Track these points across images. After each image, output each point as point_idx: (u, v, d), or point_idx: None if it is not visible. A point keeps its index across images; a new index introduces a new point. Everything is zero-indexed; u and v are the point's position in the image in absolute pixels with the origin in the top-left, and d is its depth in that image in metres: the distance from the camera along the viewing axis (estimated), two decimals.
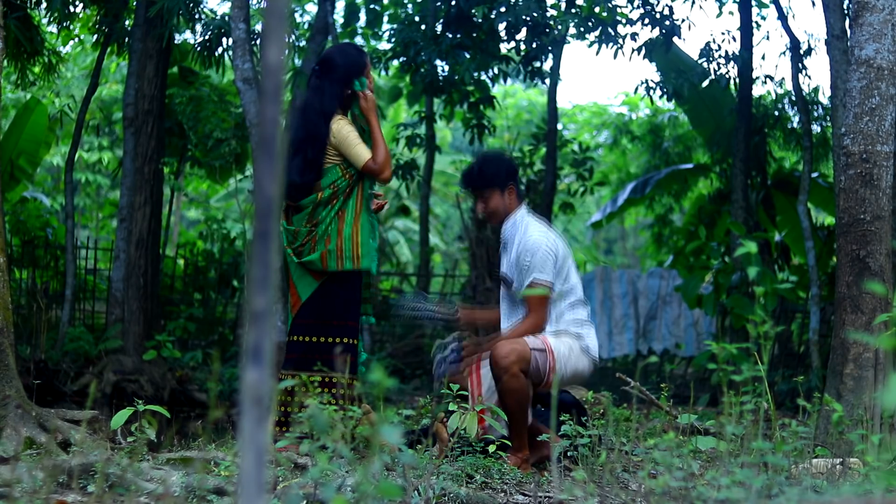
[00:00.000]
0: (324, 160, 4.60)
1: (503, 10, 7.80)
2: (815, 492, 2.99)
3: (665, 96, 8.80)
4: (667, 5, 8.30)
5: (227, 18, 8.44)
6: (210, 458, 3.66)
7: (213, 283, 11.49)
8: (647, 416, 5.92)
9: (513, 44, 8.65)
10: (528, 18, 7.84)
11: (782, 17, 9.03)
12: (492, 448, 3.95)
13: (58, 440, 4.28)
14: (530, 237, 4.22)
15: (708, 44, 8.90)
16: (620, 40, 8.16)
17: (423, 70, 8.52)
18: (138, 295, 8.83)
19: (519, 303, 4.27)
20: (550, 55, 9.32)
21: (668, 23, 8.26)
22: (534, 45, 8.47)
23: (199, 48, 8.85)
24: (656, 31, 8.31)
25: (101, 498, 2.95)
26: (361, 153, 4.52)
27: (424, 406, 4.67)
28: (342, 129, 4.58)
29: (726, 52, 8.89)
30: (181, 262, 11.95)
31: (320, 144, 4.57)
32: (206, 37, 8.62)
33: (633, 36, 8.25)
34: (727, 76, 8.87)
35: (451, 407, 3.97)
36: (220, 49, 8.81)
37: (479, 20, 7.79)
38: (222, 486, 3.16)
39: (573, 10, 7.95)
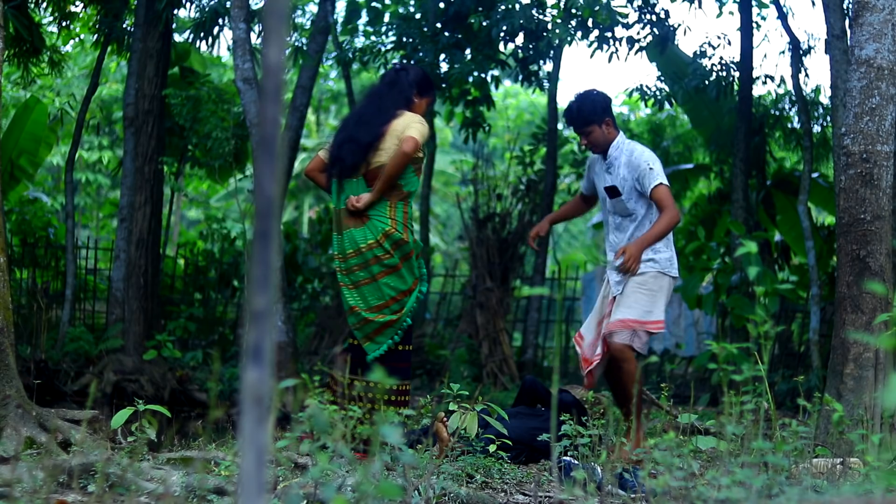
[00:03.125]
0: (381, 144, 4.66)
1: (500, 16, 7.79)
2: (816, 491, 2.99)
3: (657, 104, 8.79)
4: (663, 8, 8.29)
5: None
6: (210, 457, 3.66)
7: (213, 282, 11.49)
8: (648, 415, 5.92)
9: (511, 46, 8.64)
10: (525, 24, 7.83)
11: (782, 17, 9.03)
12: (492, 448, 3.95)
13: (58, 440, 4.28)
14: (644, 151, 4.85)
15: (703, 47, 8.89)
16: (616, 44, 8.15)
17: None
18: (139, 295, 8.82)
19: (628, 211, 4.86)
20: (549, 58, 9.31)
21: (665, 24, 8.24)
22: (531, 51, 8.46)
23: (193, 34, 8.86)
24: (652, 34, 8.30)
25: (101, 498, 2.95)
26: (416, 132, 4.60)
27: (424, 406, 4.70)
28: (416, 115, 4.71)
29: (721, 58, 8.89)
30: (181, 261, 11.95)
31: (383, 125, 4.68)
32: (203, 16, 8.62)
33: (630, 39, 8.24)
34: (724, 82, 8.86)
35: (452, 407, 3.98)
36: (215, 30, 8.81)
37: (477, 27, 7.76)
38: (222, 485, 3.16)
39: (573, 11, 7.94)
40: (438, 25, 8.77)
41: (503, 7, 7.86)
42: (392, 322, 4.68)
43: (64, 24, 9.87)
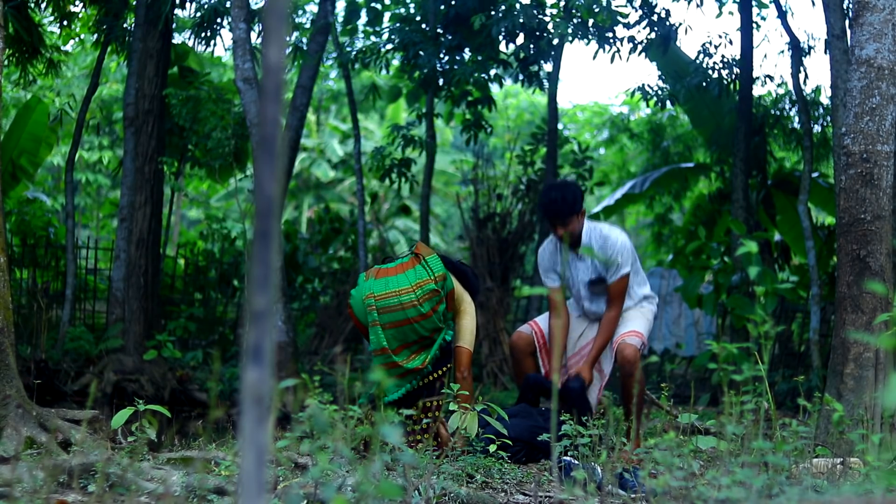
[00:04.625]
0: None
1: (501, 15, 7.78)
2: (816, 491, 2.99)
3: (659, 104, 8.79)
4: (664, 8, 8.30)
5: None
6: (210, 457, 3.66)
7: (213, 282, 11.49)
8: (648, 415, 5.92)
9: (512, 47, 8.64)
10: (526, 23, 7.82)
11: (782, 16, 9.03)
12: (492, 448, 3.95)
13: (58, 440, 4.28)
14: (617, 241, 5.07)
15: (705, 46, 8.89)
16: (618, 44, 8.15)
17: (424, 70, 8.52)
18: (139, 294, 8.83)
19: (602, 294, 5.13)
20: (549, 58, 9.31)
21: (666, 24, 8.25)
22: (532, 50, 8.46)
23: (193, 34, 8.87)
24: (653, 34, 8.30)
25: (101, 498, 2.95)
26: (469, 340, 4.92)
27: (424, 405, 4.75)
28: (469, 300, 4.99)
29: (723, 56, 8.89)
30: (182, 261, 11.95)
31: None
32: (203, 16, 8.62)
33: (631, 39, 8.24)
34: (725, 81, 8.85)
35: (452, 407, 3.97)
36: (215, 30, 8.81)
37: (478, 27, 7.76)
38: (223, 485, 3.16)
39: (573, 11, 7.93)
40: (439, 27, 8.77)
41: (503, 7, 7.86)
42: (416, 370, 4.79)
43: (64, 23, 9.88)
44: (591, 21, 7.92)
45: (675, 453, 2.84)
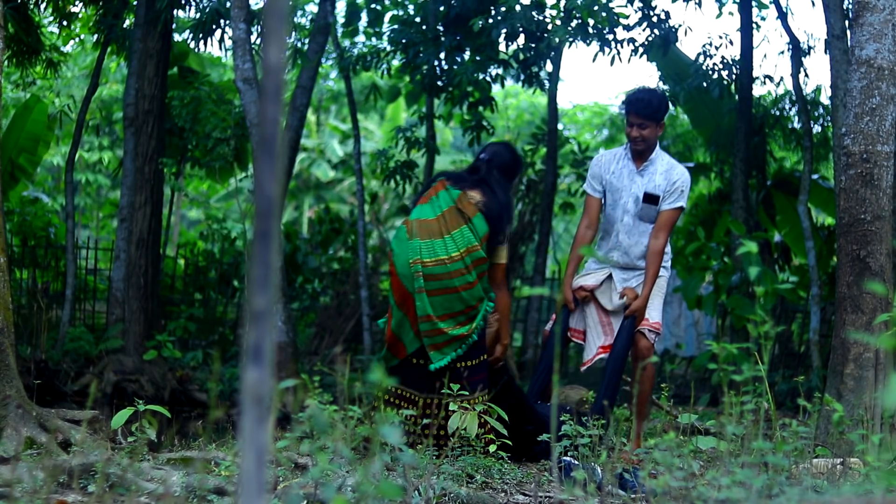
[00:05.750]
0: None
1: (501, 17, 7.78)
2: (816, 492, 2.99)
3: None
4: (664, 10, 8.30)
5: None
6: (210, 458, 3.66)
7: (213, 283, 11.49)
8: (648, 416, 5.92)
9: (512, 48, 8.64)
10: (526, 25, 7.83)
11: (782, 17, 9.03)
12: (492, 448, 3.95)
13: (58, 440, 4.28)
14: (683, 172, 5.00)
15: (705, 47, 8.88)
16: (618, 46, 8.14)
17: (424, 70, 8.52)
18: (139, 295, 8.83)
19: (653, 218, 4.96)
20: (549, 59, 9.30)
21: (665, 25, 8.24)
22: (532, 52, 8.46)
23: (193, 34, 8.87)
24: (653, 35, 8.29)
25: (101, 498, 2.95)
26: (503, 255, 4.89)
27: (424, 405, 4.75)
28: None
29: (723, 57, 8.89)
30: (181, 261, 11.95)
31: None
32: (203, 16, 8.61)
33: (631, 41, 8.23)
34: (725, 82, 8.85)
35: (452, 407, 3.98)
36: (215, 31, 8.80)
37: (478, 29, 7.76)
38: (223, 486, 3.16)
39: (573, 11, 7.93)
40: (439, 27, 8.77)
41: (503, 8, 7.86)
42: (462, 336, 4.72)
43: (64, 24, 9.88)
44: (591, 22, 7.91)
45: (675, 453, 2.84)
